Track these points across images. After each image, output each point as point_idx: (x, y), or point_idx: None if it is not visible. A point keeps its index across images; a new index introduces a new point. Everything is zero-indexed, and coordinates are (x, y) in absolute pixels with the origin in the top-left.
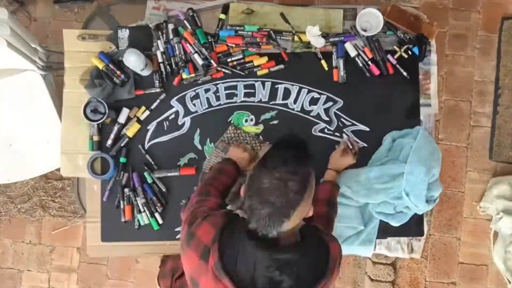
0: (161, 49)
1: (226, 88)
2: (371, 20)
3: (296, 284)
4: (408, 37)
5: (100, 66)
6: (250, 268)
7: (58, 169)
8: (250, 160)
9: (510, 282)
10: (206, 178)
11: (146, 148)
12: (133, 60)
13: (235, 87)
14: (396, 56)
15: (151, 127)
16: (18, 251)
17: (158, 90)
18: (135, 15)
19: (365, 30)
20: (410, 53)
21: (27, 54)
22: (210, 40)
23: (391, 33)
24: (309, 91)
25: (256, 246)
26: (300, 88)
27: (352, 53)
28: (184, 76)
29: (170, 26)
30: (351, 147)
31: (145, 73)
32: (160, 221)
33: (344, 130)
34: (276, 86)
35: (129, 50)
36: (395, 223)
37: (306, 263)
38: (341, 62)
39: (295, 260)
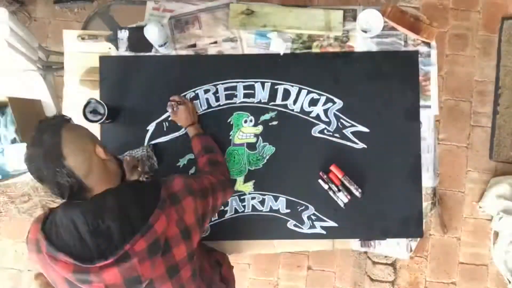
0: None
1: (225, 89)
2: (371, 21)
3: (125, 223)
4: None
5: None
6: (74, 232)
7: None
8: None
9: (510, 282)
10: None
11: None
12: (154, 33)
13: (234, 88)
14: None
15: (151, 127)
16: (18, 251)
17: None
18: (134, 15)
19: (365, 31)
20: None
21: (27, 54)
22: None
23: (392, 33)
24: (308, 92)
25: (66, 209)
26: (300, 89)
27: None
28: None
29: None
30: (173, 103)
31: (164, 50)
32: None
33: (344, 131)
34: (276, 87)
35: (153, 22)
36: None
37: (127, 201)
38: None
39: (113, 203)
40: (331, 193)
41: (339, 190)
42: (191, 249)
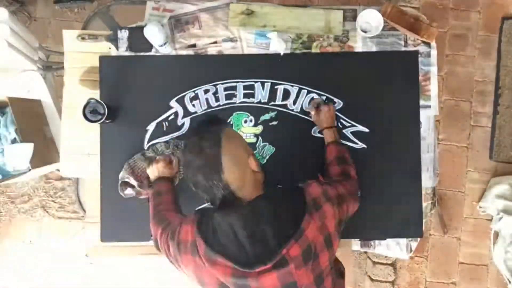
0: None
1: (225, 89)
2: (371, 21)
3: (279, 228)
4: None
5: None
6: (232, 236)
7: (58, 169)
8: (170, 163)
9: (510, 282)
10: (152, 207)
11: (145, 148)
12: (154, 33)
13: (234, 88)
14: None
15: (151, 127)
16: (18, 251)
17: None
18: (134, 15)
19: (365, 31)
20: None
21: (27, 54)
22: None
23: (392, 33)
24: (308, 92)
25: (225, 214)
26: (300, 89)
27: None
28: None
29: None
30: (316, 105)
31: (164, 50)
32: None
33: (344, 131)
34: (276, 87)
35: (153, 22)
36: None
37: (279, 206)
38: None
39: (266, 207)
40: None
41: None
42: (332, 258)
